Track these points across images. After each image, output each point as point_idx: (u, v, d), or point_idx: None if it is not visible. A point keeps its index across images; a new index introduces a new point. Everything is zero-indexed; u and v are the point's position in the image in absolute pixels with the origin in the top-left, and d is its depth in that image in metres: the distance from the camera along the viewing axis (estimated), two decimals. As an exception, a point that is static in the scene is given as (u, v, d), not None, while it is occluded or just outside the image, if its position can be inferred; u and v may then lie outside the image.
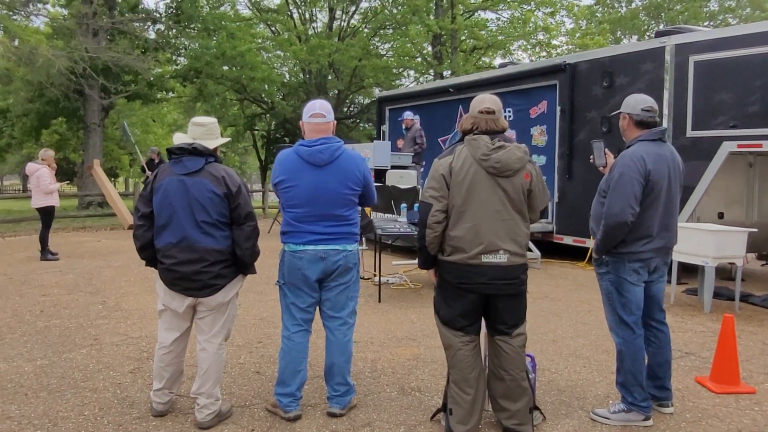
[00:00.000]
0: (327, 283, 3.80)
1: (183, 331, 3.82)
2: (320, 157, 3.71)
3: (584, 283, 8.46)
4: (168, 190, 3.62)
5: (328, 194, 3.71)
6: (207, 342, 3.75)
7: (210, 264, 3.62)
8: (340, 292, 3.83)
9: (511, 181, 3.35)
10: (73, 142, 27.25)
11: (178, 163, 3.66)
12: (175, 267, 3.61)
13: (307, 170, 3.71)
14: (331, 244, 3.73)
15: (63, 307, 6.74)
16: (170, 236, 3.62)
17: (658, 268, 3.90)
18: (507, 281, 3.36)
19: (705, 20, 30.13)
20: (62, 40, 19.96)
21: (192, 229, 3.59)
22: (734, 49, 7.68)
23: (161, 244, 3.66)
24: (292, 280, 3.77)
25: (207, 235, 3.61)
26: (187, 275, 3.60)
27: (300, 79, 28.41)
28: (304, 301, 3.80)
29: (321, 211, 3.71)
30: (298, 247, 3.73)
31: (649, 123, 3.88)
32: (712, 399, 4.22)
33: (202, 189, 3.60)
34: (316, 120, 3.80)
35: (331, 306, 3.85)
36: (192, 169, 3.64)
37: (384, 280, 7.94)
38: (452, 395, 3.51)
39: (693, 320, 6.41)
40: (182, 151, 3.68)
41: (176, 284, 3.65)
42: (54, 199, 10.12)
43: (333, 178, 3.71)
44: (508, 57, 26.48)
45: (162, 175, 3.69)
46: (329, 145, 3.74)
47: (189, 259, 3.59)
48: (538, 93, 10.71)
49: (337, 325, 3.86)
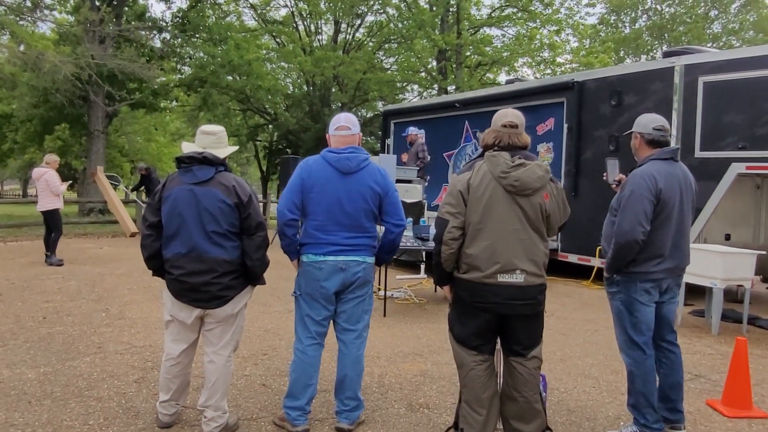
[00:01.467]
0: (344, 296, 3.76)
1: (191, 342, 3.77)
2: (348, 165, 3.69)
3: (589, 301, 8.41)
4: (177, 199, 3.57)
5: (351, 203, 3.68)
6: (215, 354, 3.70)
7: (219, 275, 3.57)
8: (357, 305, 3.79)
9: (530, 200, 3.31)
10: (75, 148, 27.23)
11: (188, 172, 3.61)
12: (183, 278, 3.56)
13: (334, 177, 3.69)
14: (352, 255, 3.70)
15: (66, 314, 6.69)
16: (179, 246, 3.57)
17: (670, 288, 3.87)
18: (523, 301, 3.31)
19: (708, 42, 30.29)
20: (69, 46, 20.02)
21: (201, 240, 3.54)
22: (744, 71, 7.68)
23: (170, 254, 3.60)
24: (310, 291, 3.73)
25: (217, 246, 3.56)
26: (196, 286, 3.55)
27: (304, 91, 28.49)
28: (319, 314, 3.75)
29: (344, 220, 3.68)
30: (318, 257, 3.69)
31: (660, 142, 3.87)
32: (725, 423, 4.18)
33: (212, 199, 3.55)
34: (342, 132, 3.80)
35: (347, 318, 3.81)
36: (202, 178, 3.59)
37: (389, 295, 7.89)
38: (464, 415, 3.45)
39: (701, 342, 6.36)
40: (192, 160, 3.62)
41: (184, 295, 3.59)
42: (59, 201, 10.27)
43: (358, 187, 3.69)
44: (513, 73, 26.55)
45: (171, 184, 3.64)
46: (357, 154, 3.74)
47: (198, 270, 3.54)
48: (545, 110, 10.71)
49: (352, 339, 3.82)
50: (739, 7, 32.15)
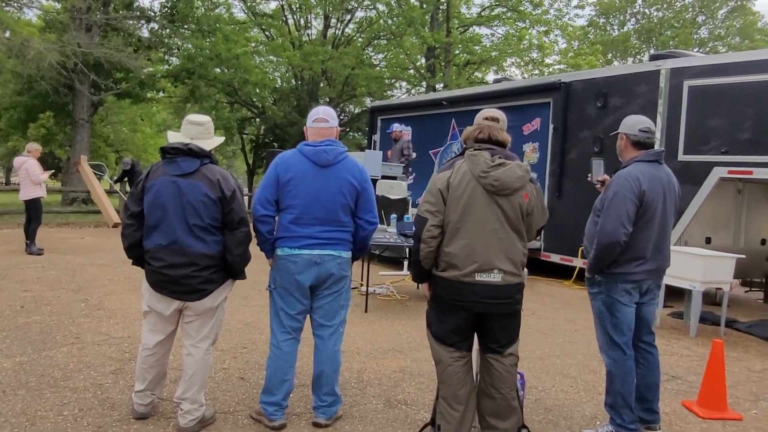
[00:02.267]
0: (320, 291, 3.74)
1: (168, 334, 3.73)
2: (325, 157, 3.67)
3: (570, 301, 8.46)
4: (160, 190, 3.51)
5: (328, 196, 3.66)
6: (193, 347, 3.67)
7: (200, 269, 3.53)
8: (333, 300, 3.77)
9: (510, 199, 3.31)
10: (60, 137, 26.97)
11: (172, 163, 3.56)
12: (163, 270, 3.51)
13: (310, 170, 3.66)
14: (327, 249, 3.67)
15: (44, 303, 6.62)
16: (160, 238, 3.52)
17: (650, 290, 3.89)
18: (500, 300, 3.32)
19: (695, 46, 30.56)
20: (55, 33, 19.78)
21: (183, 233, 3.50)
22: (729, 76, 7.74)
23: (150, 246, 3.56)
24: (284, 284, 3.70)
25: (198, 240, 3.52)
26: (176, 279, 3.51)
27: (292, 85, 28.37)
28: (293, 308, 3.73)
29: (319, 214, 3.65)
30: (293, 251, 3.66)
31: (646, 144, 3.88)
32: (699, 424, 4.21)
33: (195, 192, 3.50)
34: (319, 125, 3.78)
35: (323, 314, 3.79)
36: (186, 170, 3.54)
37: (371, 290, 7.88)
38: (441, 411, 3.45)
39: (679, 344, 6.41)
40: (177, 151, 3.57)
41: (164, 287, 3.55)
42: (42, 190, 10.20)
43: (334, 180, 3.67)
44: (501, 73, 26.61)
45: (155, 174, 3.58)
46: (334, 147, 3.72)
47: (179, 263, 3.50)
48: (531, 110, 10.74)
49: (328, 334, 3.80)
50: (726, 13, 32.46)
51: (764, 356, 6.14)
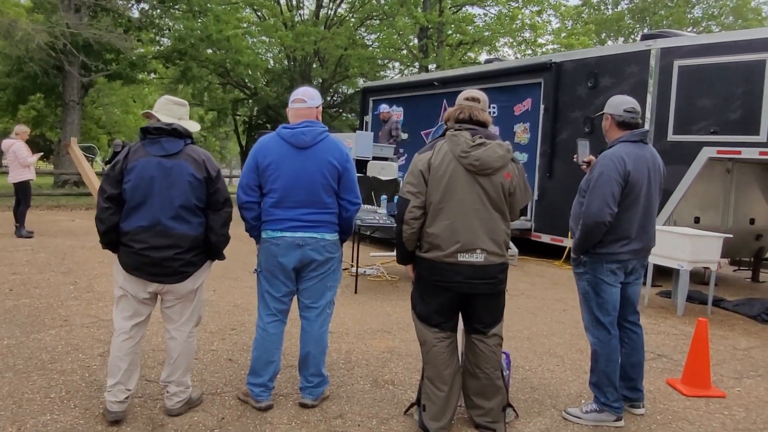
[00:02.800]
0: (305, 273, 3.73)
1: (144, 317, 3.62)
2: (303, 139, 3.64)
3: (560, 281, 8.50)
4: (144, 171, 3.42)
5: (308, 178, 3.63)
6: (176, 330, 3.64)
7: (183, 251, 3.48)
8: (319, 282, 3.76)
9: (491, 179, 3.32)
10: (50, 119, 26.76)
11: (155, 144, 3.49)
12: (145, 252, 3.42)
13: (289, 153, 3.64)
14: (310, 231, 3.66)
15: (33, 286, 6.62)
16: (142, 219, 3.44)
17: (635, 269, 3.92)
18: (483, 280, 3.33)
19: (688, 26, 30.44)
20: (43, 14, 19.54)
21: (168, 214, 3.44)
22: (718, 56, 7.73)
23: (130, 227, 3.45)
24: (269, 267, 3.70)
25: (182, 221, 3.47)
26: (158, 261, 3.43)
27: (284, 66, 28.17)
28: (278, 291, 3.73)
29: (300, 197, 3.63)
30: (276, 233, 3.66)
31: (631, 124, 3.88)
32: (683, 402, 4.26)
33: (182, 172, 3.46)
34: (297, 105, 3.76)
35: (309, 296, 3.79)
36: (171, 150, 3.48)
37: (361, 271, 7.90)
38: (426, 391, 3.48)
39: (666, 323, 6.46)
40: (160, 131, 3.51)
41: (143, 269, 3.45)
42: (31, 173, 10.17)
43: (314, 162, 3.64)
44: (494, 53, 26.47)
45: (135, 155, 3.47)
46: (312, 128, 3.68)
47: (162, 245, 3.43)
48: (523, 90, 10.72)
49: (314, 316, 3.80)
50: (720, -9, 32.30)
51: (749, 335, 6.20)
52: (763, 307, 6.94)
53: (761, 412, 4.15)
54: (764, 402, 4.35)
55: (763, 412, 4.15)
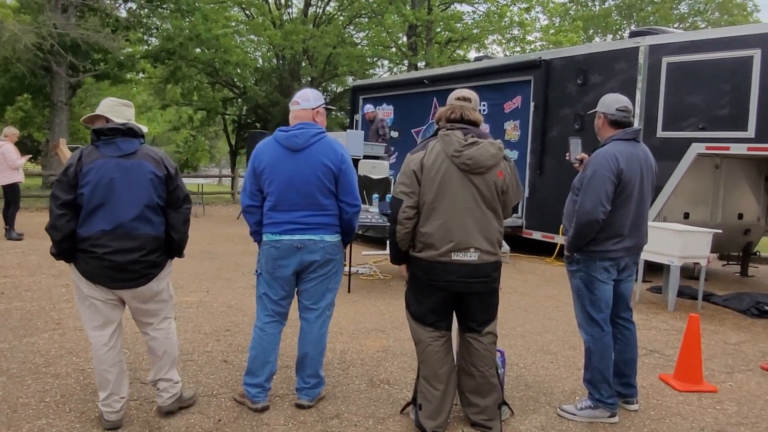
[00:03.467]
0: (305, 275, 3.73)
1: (117, 323, 3.50)
2: (296, 142, 3.64)
3: (552, 278, 8.54)
4: (102, 173, 3.29)
5: (303, 180, 3.63)
6: (155, 331, 3.58)
7: (148, 252, 3.37)
8: (319, 283, 3.76)
9: (484, 178, 3.34)
10: (38, 120, 26.57)
11: (110, 144, 3.35)
12: (108, 256, 3.28)
13: (284, 156, 3.65)
14: (308, 234, 3.66)
15: (24, 289, 6.59)
16: (103, 223, 3.30)
17: (628, 266, 3.95)
18: (477, 279, 3.36)
19: (675, 22, 30.61)
20: (30, 14, 19.40)
21: (130, 215, 3.33)
22: (706, 53, 7.79)
23: (90, 233, 3.30)
24: (269, 269, 3.70)
25: (146, 222, 3.37)
26: (122, 265, 3.30)
27: (273, 65, 28.12)
28: (276, 294, 3.74)
29: (296, 199, 3.64)
30: (275, 236, 3.67)
31: (623, 123, 3.91)
32: (676, 397, 4.30)
33: (142, 171, 3.37)
34: (293, 108, 3.80)
35: (308, 297, 3.79)
36: (127, 151, 3.37)
37: (354, 270, 7.91)
38: (422, 391, 3.50)
39: (657, 318, 6.51)
40: (115, 131, 3.39)
41: (106, 275, 3.32)
42: (19, 175, 10.13)
43: (308, 164, 3.64)
44: (483, 51, 26.53)
45: (89, 158, 3.33)
46: (306, 130, 3.68)
47: (126, 248, 3.31)
48: (512, 88, 10.75)
49: (314, 317, 3.81)
50: (706, -13, 32.50)
51: (740, 329, 6.26)
52: (752, 301, 7.01)
53: (752, 406, 4.20)
54: (755, 396, 4.40)
55: (754, 406, 4.20)
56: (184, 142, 39.27)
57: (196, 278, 7.49)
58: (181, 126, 33.57)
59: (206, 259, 8.79)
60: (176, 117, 34.17)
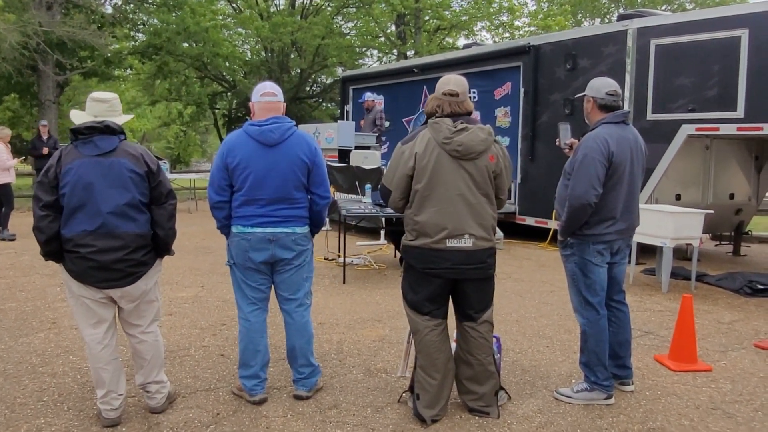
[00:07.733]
0: (279, 267, 3.74)
1: (110, 320, 3.49)
2: (271, 137, 3.61)
3: (546, 263, 8.58)
4: (81, 173, 3.26)
5: (279, 175, 3.61)
6: (143, 333, 3.56)
7: (132, 251, 3.34)
8: (294, 273, 3.77)
9: (475, 163, 3.34)
10: (26, 119, 26.37)
11: (88, 143, 3.31)
12: (93, 256, 3.26)
13: (258, 151, 3.60)
14: (281, 226, 3.66)
15: (19, 289, 6.57)
16: (85, 223, 3.28)
17: (621, 249, 3.97)
18: (472, 266, 3.37)
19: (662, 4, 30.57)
20: (14, 13, 19.23)
21: (112, 214, 3.30)
22: (694, 34, 7.80)
23: (73, 233, 3.29)
24: (240, 261, 3.70)
25: (129, 220, 3.34)
26: (107, 264, 3.28)
27: (262, 58, 27.99)
28: (254, 280, 3.74)
29: (271, 194, 3.62)
30: (246, 229, 3.65)
31: (612, 106, 3.91)
32: (671, 377, 4.33)
33: (122, 169, 3.33)
34: (267, 99, 3.70)
35: (286, 288, 3.80)
36: (105, 149, 3.33)
37: (348, 261, 7.92)
38: (419, 380, 3.51)
39: (651, 300, 6.55)
40: (92, 130, 3.35)
41: (92, 275, 3.30)
42: (11, 176, 10.07)
43: (284, 158, 3.62)
44: (472, 38, 26.48)
45: (68, 158, 3.30)
46: (280, 124, 3.65)
47: (110, 247, 3.29)
48: (502, 74, 10.74)
49: (294, 307, 3.82)
50: (694, -32, 32.42)
51: (733, 308, 6.31)
52: (744, 280, 7.06)
53: (747, 384, 4.24)
54: (749, 374, 4.44)
55: (748, 384, 4.24)
56: (174, 137, 39.07)
57: (191, 273, 7.48)
58: (171, 122, 33.37)
59: (200, 255, 8.78)
60: (166, 113, 33.98)
